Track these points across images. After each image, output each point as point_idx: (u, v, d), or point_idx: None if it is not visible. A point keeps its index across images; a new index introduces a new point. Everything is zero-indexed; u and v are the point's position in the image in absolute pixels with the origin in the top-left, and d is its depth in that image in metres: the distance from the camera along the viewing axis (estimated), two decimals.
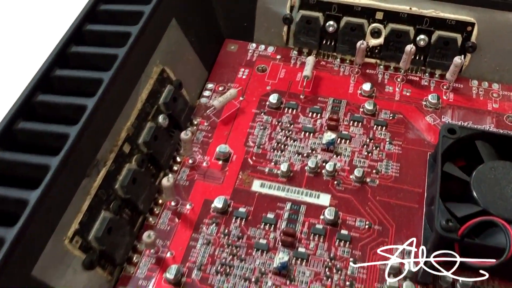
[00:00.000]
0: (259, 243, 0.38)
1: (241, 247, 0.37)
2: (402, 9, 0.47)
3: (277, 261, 0.36)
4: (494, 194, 0.36)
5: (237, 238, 0.38)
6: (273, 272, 0.36)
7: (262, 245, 0.37)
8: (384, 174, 0.42)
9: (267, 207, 0.40)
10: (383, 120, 0.45)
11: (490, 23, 0.46)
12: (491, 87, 0.48)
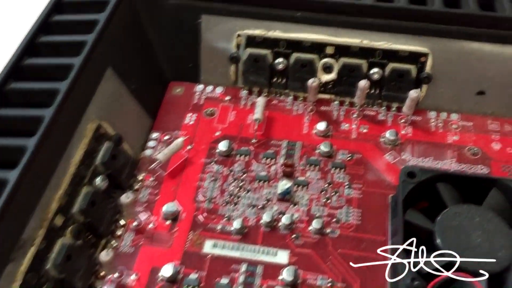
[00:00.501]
0: None
1: None
2: (353, 43, 0.45)
3: None
4: (460, 243, 0.34)
5: None
6: None
7: None
8: (345, 223, 0.39)
9: (221, 271, 0.36)
10: (341, 162, 0.42)
11: (444, 52, 0.44)
12: (449, 117, 0.46)
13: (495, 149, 0.43)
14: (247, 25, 0.45)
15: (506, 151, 0.43)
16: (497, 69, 0.44)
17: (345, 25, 0.45)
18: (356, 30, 0.45)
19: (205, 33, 0.46)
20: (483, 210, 0.36)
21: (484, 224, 0.35)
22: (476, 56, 0.44)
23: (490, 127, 0.45)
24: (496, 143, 0.44)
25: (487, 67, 0.44)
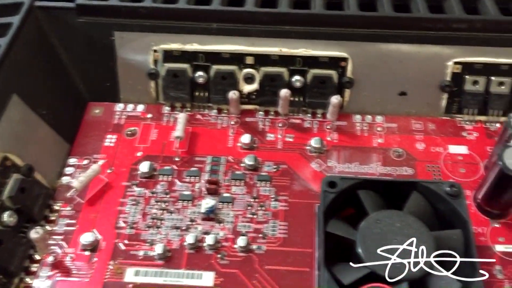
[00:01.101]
0: None
1: None
2: (272, 51, 0.44)
3: None
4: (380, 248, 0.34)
5: None
6: None
7: None
8: (272, 238, 0.38)
9: None
10: (266, 174, 0.41)
11: (363, 56, 0.44)
12: (374, 120, 0.45)
13: (419, 149, 0.43)
14: (162, 39, 0.44)
15: (430, 150, 0.44)
16: (416, 69, 0.44)
17: (263, 35, 0.44)
18: (274, 39, 0.44)
19: (119, 50, 0.45)
20: (404, 215, 0.35)
21: (405, 229, 0.34)
22: (395, 57, 0.44)
23: (414, 127, 0.45)
24: (420, 143, 0.44)
25: (407, 68, 0.44)
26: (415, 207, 0.36)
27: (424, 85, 0.45)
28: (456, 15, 0.43)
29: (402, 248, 0.33)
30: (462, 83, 0.44)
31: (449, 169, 0.42)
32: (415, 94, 0.46)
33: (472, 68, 0.44)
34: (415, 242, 0.33)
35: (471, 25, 0.42)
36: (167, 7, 0.44)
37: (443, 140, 0.44)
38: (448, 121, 0.46)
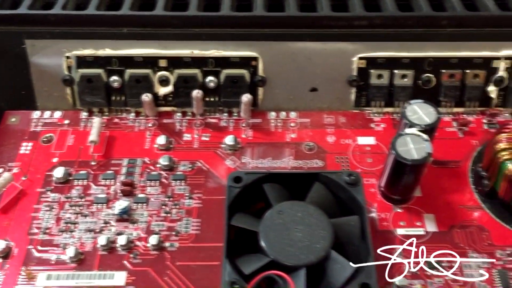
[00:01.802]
0: None
1: None
2: (184, 54, 0.45)
3: None
4: (283, 241, 0.35)
5: None
6: None
7: None
8: (184, 235, 0.39)
9: None
10: (181, 174, 0.42)
11: (273, 55, 0.45)
12: (289, 116, 0.47)
13: (330, 142, 0.45)
14: (74, 45, 0.44)
15: (340, 143, 0.45)
16: (324, 65, 0.46)
17: (174, 38, 0.45)
18: (186, 41, 0.45)
19: (32, 58, 0.45)
20: (305, 205, 0.37)
21: (306, 219, 0.36)
22: (303, 55, 0.46)
23: (326, 121, 0.47)
24: (331, 136, 0.46)
25: (315, 65, 0.46)
26: (317, 197, 0.38)
27: (333, 80, 0.47)
28: (356, 13, 0.45)
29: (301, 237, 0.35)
30: (367, 77, 0.46)
31: (357, 160, 0.44)
32: (325, 89, 0.47)
33: (375, 62, 0.46)
34: (313, 230, 0.35)
35: (371, 21, 0.45)
36: (76, 14, 0.44)
37: (352, 132, 0.46)
38: (358, 114, 0.48)
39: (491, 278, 0.37)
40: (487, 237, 0.39)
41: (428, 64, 0.46)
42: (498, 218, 0.40)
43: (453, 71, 0.46)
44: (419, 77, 0.46)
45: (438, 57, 0.45)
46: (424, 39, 0.45)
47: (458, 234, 0.39)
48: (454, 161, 0.44)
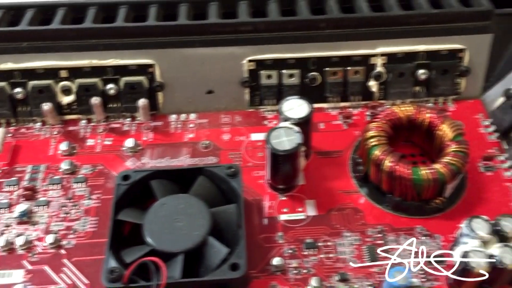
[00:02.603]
0: None
1: None
2: (83, 64, 0.48)
3: None
4: (164, 230, 0.38)
5: None
6: None
7: None
8: (82, 232, 0.42)
9: None
10: (82, 176, 0.45)
11: (168, 61, 0.49)
12: (188, 118, 0.50)
13: (225, 140, 0.49)
14: None
15: (234, 140, 0.49)
16: (217, 69, 0.50)
17: (73, 49, 0.47)
18: (84, 52, 0.48)
19: None
20: (188, 197, 0.40)
21: (188, 209, 0.39)
22: (196, 60, 0.49)
23: (223, 121, 0.50)
24: (226, 134, 0.49)
25: (209, 69, 0.50)
26: (200, 189, 0.41)
27: (227, 82, 0.50)
28: (241, 19, 0.48)
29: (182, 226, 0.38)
30: (258, 78, 0.50)
31: (249, 154, 0.48)
32: (221, 91, 0.51)
33: (264, 64, 0.49)
34: (193, 219, 0.38)
35: (256, 27, 0.48)
36: None
37: (246, 129, 0.50)
38: (253, 113, 0.51)
39: (361, 253, 0.41)
40: (361, 217, 0.43)
41: (312, 63, 0.50)
42: (372, 200, 0.44)
43: (335, 68, 0.50)
44: (305, 75, 0.50)
45: (320, 56, 0.49)
46: (305, 41, 0.49)
47: (335, 216, 0.43)
48: (337, 151, 0.48)
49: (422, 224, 0.42)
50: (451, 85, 0.51)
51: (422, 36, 0.49)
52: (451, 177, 0.41)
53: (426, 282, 0.39)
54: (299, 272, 0.40)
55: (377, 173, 0.43)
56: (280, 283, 0.39)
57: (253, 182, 0.45)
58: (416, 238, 0.41)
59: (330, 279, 0.39)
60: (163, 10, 0.50)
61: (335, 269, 0.40)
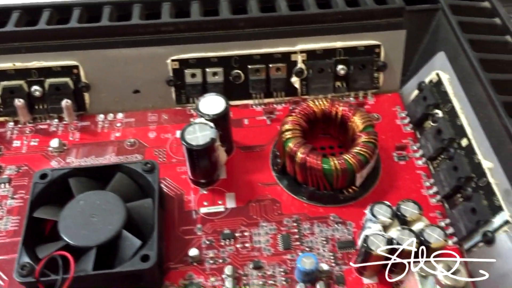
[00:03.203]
0: None
1: None
2: (6, 67, 0.48)
3: None
4: (79, 226, 0.39)
5: None
6: None
7: None
8: (3, 231, 0.43)
9: None
10: (7, 177, 0.46)
11: (92, 62, 0.50)
12: (116, 117, 0.52)
13: (151, 137, 0.50)
14: None
15: (160, 137, 0.50)
16: (141, 69, 0.51)
17: None
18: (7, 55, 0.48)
19: None
20: (105, 193, 0.41)
21: (104, 205, 0.40)
22: (120, 61, 0.50)
23: (150, 119, 0.52)
24: (152, 132, 0.51)
25: (133, 69, 0.51)
26: (118, 185, 0.42)
27: (153, 82, 0.52)
28: (163, 20, 0.50)
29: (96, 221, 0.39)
30: (183, 76, 0.51)
31: (174, 151, 0.49)
32: (147, 90, 0.52)
33: (188, 63, 0.51)
34: (108, 214, 0.40)
35: (177, 27, 0.49)
36: None
37: (172, 127, 0.51)
38: (180, 111, 0.53)
39: (276, 242, 0.43)
40: (278, 207, 0.45)
41: (235, 61, 0.51)
42: (289, 191, 0.46)
43: (257, 66, 0.51)
44: (229, 73, 0.52)
45: (242, 55, 0.51)
46: (227, 40, 0.50)
47: (253, 207, 0.45)
48: (260, 145, 0.50)
49: (336, 212, 0.45)
50: (369, 80, 0.53)
51: (339, 33, 0.51)
52: (360, 166, 0.44)
53: (335, 266, 0.42)
54: (215, 262, 0.41)
55: (291, 165, 0.45)
56: (196, 273, 0.41)
57: (176, 177, 0.47)
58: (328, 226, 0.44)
59: (245, 267, 0.41)
60: (87, 12, 0.51)
61: (250, 258, 0.42)
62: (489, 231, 0.40)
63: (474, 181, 0.43)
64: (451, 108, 0.47)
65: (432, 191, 0.46)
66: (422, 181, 0.47)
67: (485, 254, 0.40)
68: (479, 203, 0.41)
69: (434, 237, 0.38)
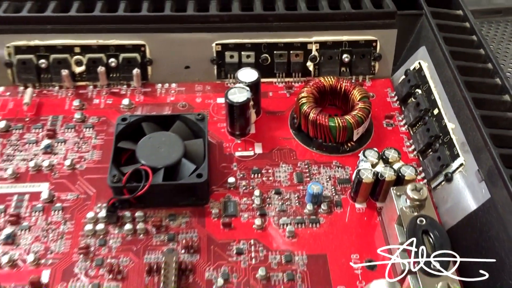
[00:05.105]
0: None
1: None
2: (92, 43, 0.64)
3: (2, 234, 0.49)
4: (150, 152, 0.53)
5: None
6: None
7: None
8: (90, 160, 0.57)
9: None
10: (90, 124, 0.61)
11: (157, 42, 0.65)
12: (170, 86, 0.67)
13: (197, 102, 0.65)
14: (13, 39, 0.63)
15: (204, 102, 0.65)
16: (192, 50, 0.66)
17: (84, 31, 0.63)
18: (93, 34, 0.64)
19: None
20: (168, 133, 0.56)
21: (167, 141, 0.55)
22: (178, 43, 0.66)
23: (196, 89, 0.67)
24: (199, 98, 0.65)
25: (186, 50, 0.66)
26: (177, 129, 0.57)
27: (200, 60, 0.67)
28: (210, 13, 0.65)
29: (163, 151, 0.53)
30: (223, 58, 0.66)
31: (214, 112, 0.64)
32: (195, 67, 0.67)
33: (227, 47, 0.66)
34: (171, 147, 0.53)
35: (222, 18, 0.65)
36: (13, 16, 0.63)
37: (214, 95, 0.66)
38: (219, 84, 0.68)
39: (292, 177, 0.57)
40: (293, 155, 0.59)
41: (264, 47, 0.66)
42: (302, 143, 0.60)
43: (281, 52, 0.66)
44: (259, 56, 0.66)
45: (270, 42, 0.66)
46: (258, 30, 0.65)
47: (275, 154, 0.59)
48: (281, 111, 0.64)
49: (337, 159, 0.59)
50: (367, 67, 0.68)
51: (345, 29, 0.66)
52: (356, 125, 0.58)
53: (335, 195, 0.55)
54: (246, 188, 0.56)
55: (305, 123, 0.59)
56: (232, 195, 0.55)
57: (217, 131, 0.62)
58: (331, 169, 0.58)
59: (268, 192, 0.55)
60: (153, 4, 0.66)
61: (273, 187, 0.56)
62: (449, 172, 0.54)
63: (441, 138, 0.57)
64: (427, 87, 0.62)
65: (411, 149, 0.60)
66: (404, 141, 0.61)
67: (446, 189, 0.54)
68: (443, 152, 0.55)
69: (408, 172, 0.52)
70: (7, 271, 0.48)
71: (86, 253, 0.49)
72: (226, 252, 0.51)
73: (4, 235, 0.50)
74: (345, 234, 0.53)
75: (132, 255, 0.50)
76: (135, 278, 0.48)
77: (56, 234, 0.51)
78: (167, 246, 0.50)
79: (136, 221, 0.52)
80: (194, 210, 0.53)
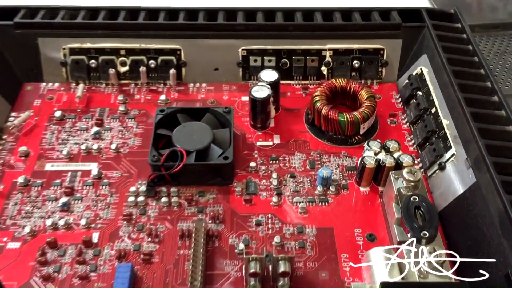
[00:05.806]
0: (51, 197, 0.60)
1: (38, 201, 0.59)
2: (135, 47, 0.74)
3: (60, 202, 0.59)
4: (184, 138, 0.63)
5: (35, 197, 0.60)
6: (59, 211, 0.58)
7: (51, 198, 0.60)
8: (132, 146, 0.67)
9: (55, 177, 0.62)
10: (132, 116, 0.71)
11: (190, 47, 0.75)
12: (201, 86, 0.76)
13: (224, 99, 0.74)
14: (68, 42, 0.73)
15: (230, 99, 0.74)
16: (222, 54, 0.76)
17: (128, 37, 0.74)
18: (136, 39, 0.74)
19: (42, 49, 0.73)
20: (199, 123, 0.65)
21: (199, 130, 0.64)
22: (209, 47, 0.75)
23: (224, 88, 0.76)
24: (226, 95, 0.75)
25: (215, 54, 0.76)
26: (207, 120, 0.66)
27: (228, 63, 0.76)
28: (237, 22, 0.74)
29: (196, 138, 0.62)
30: (248, 61, 0.75)
31: (240, 108, 0.73)
32: (224, 69, 0.76)
33: (252, 52, 0.75)
34: (202, 135, 0.62)
35: (247, 27, 0.74)
36: (69, 22, 0.73)
37: (239, 94, 0.75)
38: (244, 85, 0.77)
39: (305, 164, 0.64)
40: (307, 145, 0.68)
41: (283, 53, 0.75)
42: (315, 136, 0.69)
43: (299, 57, 0.75)
44: (279, 61, 0.75)
45: (289, 49, 0.75)
46: (279, 38, 0.74)
47: (291, 144, 0.68)
48: (297, 108, 0.73)
49: (345, 150, 0.67)
50: (375, 72, 0.76)
51: (355, 39, 0.75)
52: (363, 120, 0.66)
53: (342, 180, 0.63)
54: (265, 172, 0.64)
55: (318, 118, 0.68)
56: (253, 177, 0.64)
57: (241, 124, 0.71)
58: (339, 158, 0.65)
59: (284, 176, 0.63)
60: (188, 14, 0.76)
61: (288, 171, 0.64)
62: (443, 161, 0.62)
63: (437, 133, 0.65)
64: (427, 90, 0.69)
65: (411, 143, 0.68)
66: (405, 137, 0.69)
67: (439, 177, 0.61)
68: (438, 145, 0.63)
69: (406, 160, 0.60)
70: (63, 232, 0.58)
71: (129, 219, 0.59)
72: (247, 223, 0.59)
73: (61, 203, 0.60)
74: (350, 212, 0.61)
75: (167, 223, 0.59)
76: (170, 241, 0.57)
77: (104, 204, 0.60)
78: (197, 217, 0.60)
79: (171, 195, 0.61)
80: (220, 189, 0.62)
